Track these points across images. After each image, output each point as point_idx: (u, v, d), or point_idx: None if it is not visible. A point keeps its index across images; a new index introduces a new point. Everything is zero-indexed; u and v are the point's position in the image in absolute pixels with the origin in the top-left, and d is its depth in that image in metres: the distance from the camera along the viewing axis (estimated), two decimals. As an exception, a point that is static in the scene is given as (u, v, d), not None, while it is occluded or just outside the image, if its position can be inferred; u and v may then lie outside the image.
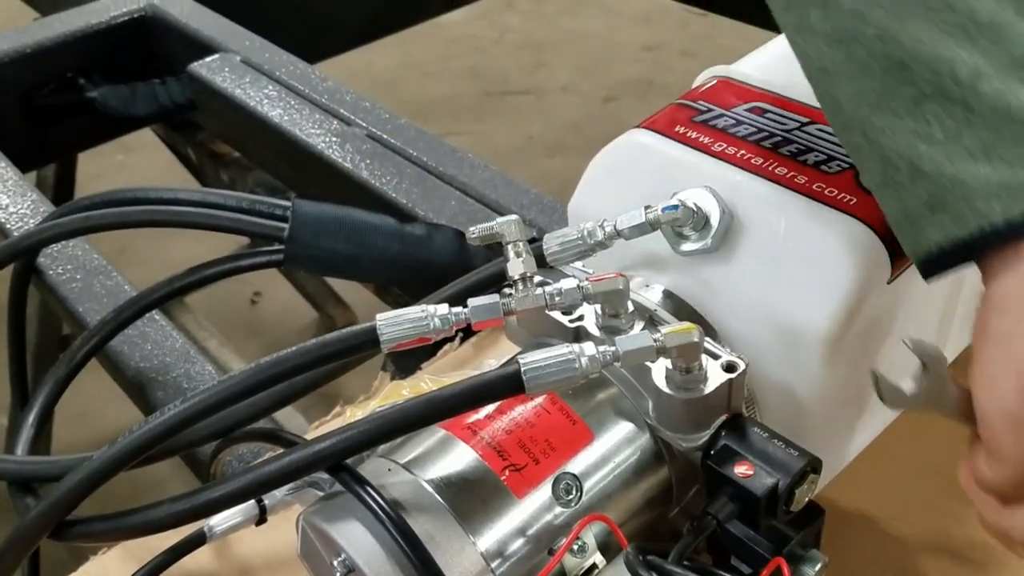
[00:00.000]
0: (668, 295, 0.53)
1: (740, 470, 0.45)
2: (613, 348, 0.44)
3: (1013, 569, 0.56)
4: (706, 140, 0.55)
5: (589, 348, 0.44)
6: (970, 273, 0.43)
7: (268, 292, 2.02)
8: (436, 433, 0.48)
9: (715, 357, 0.47)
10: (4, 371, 0.86)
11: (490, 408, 0.48)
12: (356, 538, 0.44)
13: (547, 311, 0.49)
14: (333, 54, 1.44)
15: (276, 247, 0.68)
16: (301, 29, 1.38)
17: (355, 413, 0.66)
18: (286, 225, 0.67)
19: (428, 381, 0.67)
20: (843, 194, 0.51)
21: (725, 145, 0.54)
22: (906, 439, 0.62)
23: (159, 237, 1.96)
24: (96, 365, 0.73)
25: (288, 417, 0.80)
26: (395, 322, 0.46)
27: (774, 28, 0.50)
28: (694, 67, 0.65)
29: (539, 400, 0.49)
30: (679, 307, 0.52)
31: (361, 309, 1.76)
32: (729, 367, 0.46)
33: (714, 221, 0.51)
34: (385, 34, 1.55)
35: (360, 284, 1.02)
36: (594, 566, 0.46)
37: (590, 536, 0.46)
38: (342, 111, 0.99)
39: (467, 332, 0.73)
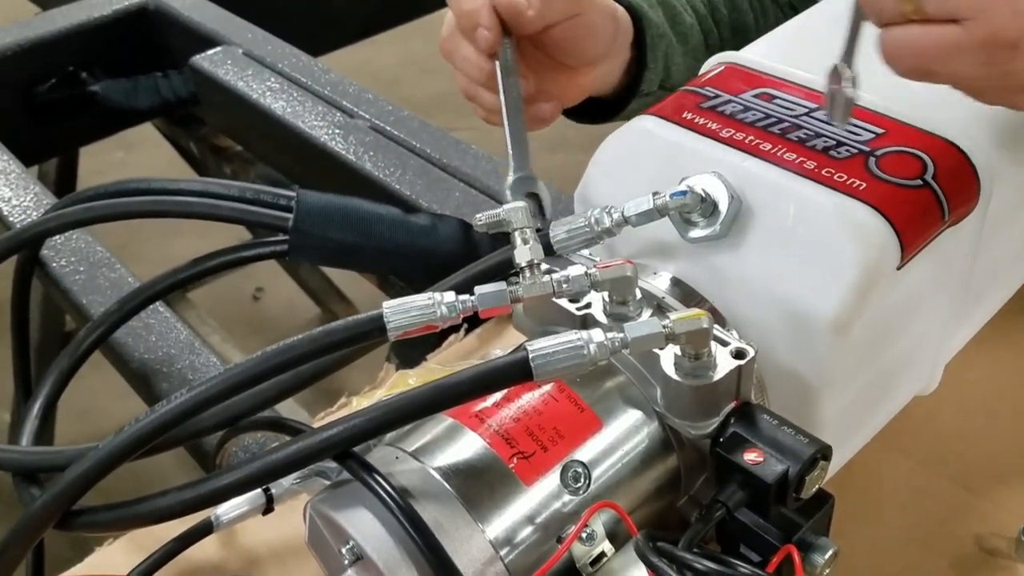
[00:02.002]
0: (676, 282, 0.53)
1: (750, 457, 0.45)
2: (622, 335, 0.44)
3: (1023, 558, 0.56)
4: (714, 126, 0.54)
5: (597, 335, 0.44)
6: (982, 255, 0.43)
7: (270, 288, 2.02)
8: (443, 421, 0.48)
9: (724, 344, 0.46)
10: (6, 366, 0.85)
11: (497, 396, 0.48)
12: (364, 526, 0.44)
13: (554, 299, 0.49)
14: (333, 48, 1.43)
15: (280, 238, 0.68)
16: (301, 23, 1.37)
17: (361, 403, 0.66)
18: (290, 215, 0.67)
19: (435, 370, 0.67)
20: (852, 179, 0.50)
21: (733, 131, 0.54)
22: (914, 428, 0.62)
23: (162, 233, 1.96)
24: (99, 361, 0.72)
25: (291, 411, 0.80)
26: (402, 309, 0.46)
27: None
28: (700, 59, 0.65)
29: (547, 388, 0.49)
30: (687, 294, 0.52)
31: (364, 305, 1.76)
32: (738, 354, 0.46)
33: (723, 207, 0.50)
34: (385, 28, 1.54)
35: (362, 279, 1.02)
36: (603, 554, 0.45)
37: (599, 524, 0.46)
38: (345, 103, 0.98)
39: (472, 323, 0.73)
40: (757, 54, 0.60)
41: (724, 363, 0.46)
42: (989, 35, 0.39)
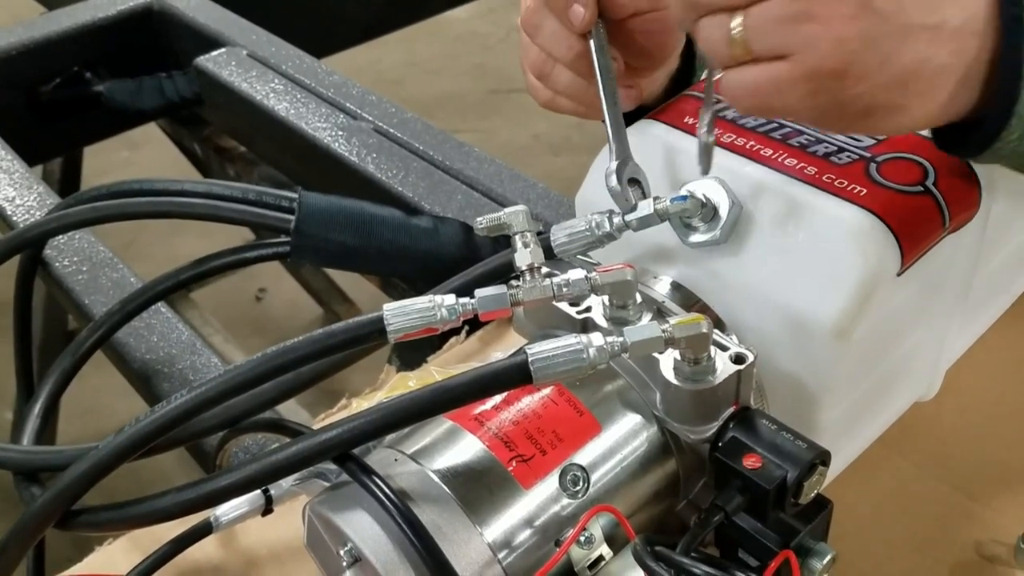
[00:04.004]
0: (676, 287, 0.53)
1: (749, 462, 0.45)
2: (621, 339, 0.44)
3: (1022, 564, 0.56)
4: (716, 131, 0.54)
5: (597, 339, 0.44)
6: (983, 261, 0.43)
7: (273, 288, 2.02)
8: (443, 424, 0.48)
9: (724, 348, 0.46)
10: (9, 366, 0.86)
11: (497, 399, 0.48)
12: (363, 528, 0.44)
13: (554, 302, 0.49)
14: (338, 50, 1.44)
15: (283, 239, 0.68)
16: (306, 25, 1.37)
17: (361, 404, 0.66)
18: (293, 217, 0.67)
19: (435, 373, 0.67)
20: (853, 185, 0.50)
21: (734, 136, 0.54)
22: (914, 433, 0.62)
23: (165, 233, 1.97)
24: (101, 360, 0.73)
25: (291, 412, 0.80)
26: (402, 312, 0.46)
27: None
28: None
29: (546, 391, 0.49)
30: (687, 299, 0.52)
31: (366, 306, 1.76)
32: (738, 359, 0.46)
33: (723, 212, 0.50)
34: (390, 30, 1.54)
35: (364, 280, 1.02)
36: (601, 558, 0.45)
37: (597, 528, 0.46)
38: (349, 105, 0.98)
39: (473, 326, 0.73)
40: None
41: (724, 368, 0.46)
42: (814, 67, 0.41)
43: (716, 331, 0.46)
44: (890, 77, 0.41)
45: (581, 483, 0.47)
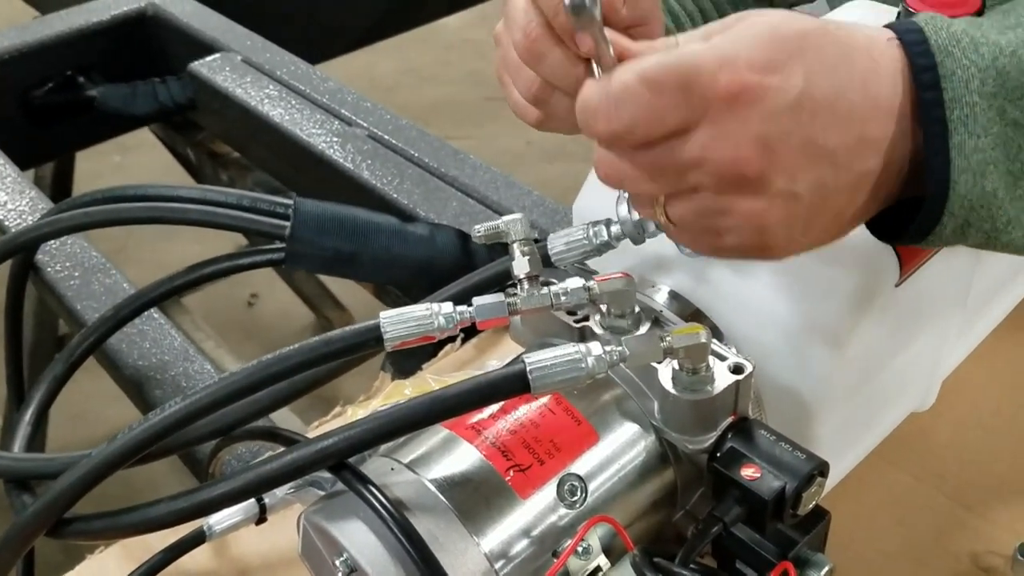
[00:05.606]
0: (674, 296, 0.53)
1: (747, 473, 0.45)
2: (620, 348, 0.44)
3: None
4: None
5: (596, 348, 0.44)
6: (980, 272, 0.43)
7: (265, 294, 2.01)
8: (439, 433, 0.48)
9: (722, 359, 0.46)
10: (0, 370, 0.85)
11: (494, 408, 0.48)
12: (358, 538, 0.44)
13: (552, 311, 0.49)
14: (332, 56, 1.43)
15: (277, 245, 0.68)
16: (300, 31, 1.37)
17: (356, 413, 0.65)
18: (287, 223, 0.67)
19: (431, 380, 0.67)
20: (852, 196, 0.50)
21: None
22: (911, 444, 0.62)
23: (157, 238, 1.96)
24: (93, 365, 0.72)
25: (285, 420, 0.79)
26: (399, 320, 0.45)
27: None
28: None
29: (544, 400, 0.48)
30: (685, 308, 0.52)
31: (359, 312, 1.76)
32: (736, 369, 0.46)
33: (722, 222, 0.50)
34: (384, 37, 1.54)
35: (358, 286, 1.01)
36: (598, 568, 0.45)
37: (595, 538, 0.45)
38: (343, 111, 0.98)
39: (469, 333, 0.73)
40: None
41: (722, 378, 0.45)
42: (740, 245, 0.42)
43: (714, 341, 0.46)
44: (816, 235, 0.42)
45: (579, 493, 0.46)
